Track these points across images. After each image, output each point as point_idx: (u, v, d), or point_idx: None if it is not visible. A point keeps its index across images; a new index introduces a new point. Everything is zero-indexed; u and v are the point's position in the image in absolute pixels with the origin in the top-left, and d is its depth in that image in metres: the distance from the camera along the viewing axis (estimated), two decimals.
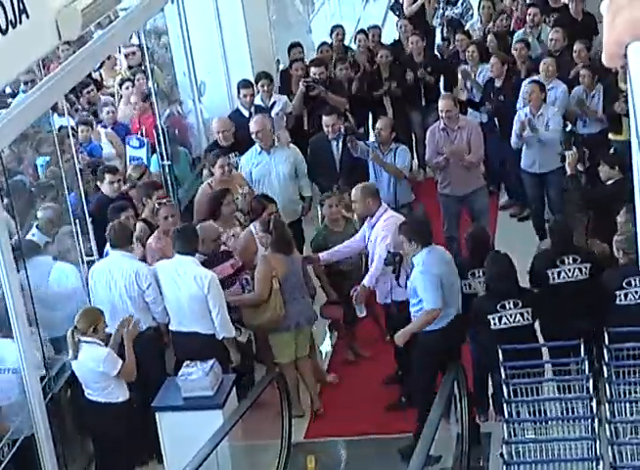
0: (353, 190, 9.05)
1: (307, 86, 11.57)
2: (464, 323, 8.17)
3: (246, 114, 11.14)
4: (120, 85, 12.21)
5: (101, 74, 13.00)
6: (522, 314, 7.95)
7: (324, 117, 10.52)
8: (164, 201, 9.22)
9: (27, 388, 7.53)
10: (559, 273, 8.28)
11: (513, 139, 10.70)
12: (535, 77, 11.16)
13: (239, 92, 11.36)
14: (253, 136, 10.38)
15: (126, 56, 12.85)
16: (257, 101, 11.41)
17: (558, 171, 10.73)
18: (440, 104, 10.39)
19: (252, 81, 11.50)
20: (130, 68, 12.73)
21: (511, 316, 7.94)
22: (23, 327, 7.49)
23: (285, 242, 8.74)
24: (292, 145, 10.74)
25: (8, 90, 10.75)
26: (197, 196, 10.03)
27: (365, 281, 8.74)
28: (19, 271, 7.65)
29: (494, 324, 7.95)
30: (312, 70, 11.88)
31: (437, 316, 7.96)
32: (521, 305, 7.94)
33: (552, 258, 8.34)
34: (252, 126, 10.40)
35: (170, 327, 8.44)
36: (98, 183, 9.66)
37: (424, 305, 7.98)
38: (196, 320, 8.27)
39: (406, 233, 8.11)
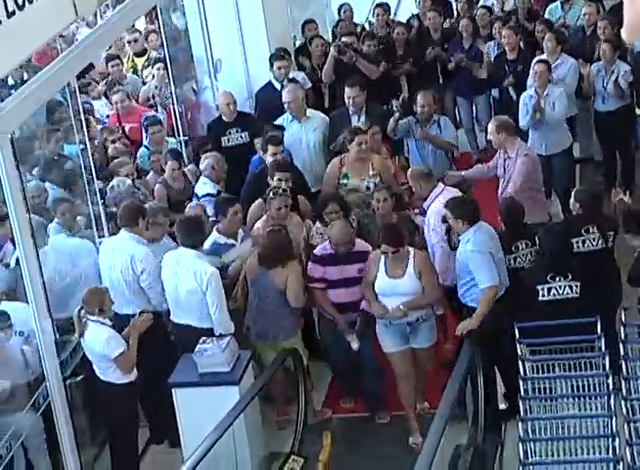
0: (409, 172, 8.88)
1: (339, 51, 11.47)
2: (512, 298, 8.05)
3: (278, 87, 11.00)
4: (152, 66, 12.23)
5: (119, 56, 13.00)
6: (570, 287, 7.89)
7: (346, 89, 10.39)
8: (280, 190, 8.82)
9: (42, 353, 7.60)
10: (583, 242, 8.30)
11: (521, 121, 10.54)
12: (543, 56, 11.17)
13: (272, 64, 11.21)
14: (286, 106, 10.35)
15: (129, 42, 12.95)
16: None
17: (564, 153, 10.66)
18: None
19: (286, 53, 11.40)
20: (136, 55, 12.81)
21: (560, 288, 7.89)
22: (38, 291, 7.52)
23: (267, 255, 8.23)
24: (321, 114, 10.66)
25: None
26: (328, 177, 9.73)
27: (443, 280, 8.35)
28: None
29: (542, 295, 7.90)
30: (343, 39, 11.85)
31: (496, 293, 7.86)
32: (570, 277, 7.89)
33: (578, 226, 8.33)
34: (285, 96, 10.37)
35: (171, 317, 8.38)
36: (260, 153, 9.70)
37: (479, 285, 7.86)
38: (191, 312, 8.16)
39: (453, 211, 7.98)
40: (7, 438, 7.35)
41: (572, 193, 8.63)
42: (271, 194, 8.77)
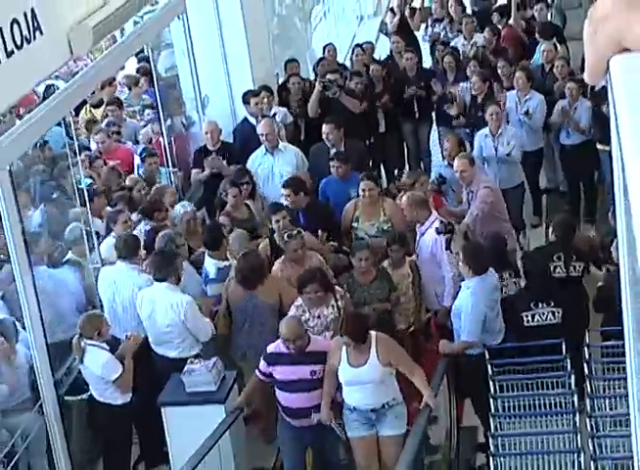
0: (403, 198, 9.09)
1: (324, 86, 11.74)
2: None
3: (254, 122, 11.17)
4: (142, 111, 12.61)
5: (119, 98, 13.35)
6: (553, 313, 8.19)
7: (323, 125, 10.71)
8: (295, 232, 8.70)
9: (39, 380, 7.86)
10: (554, 268, 8.66)
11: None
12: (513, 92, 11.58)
13: (248, 101, 11.40)
14: (262, 138, 10.57)
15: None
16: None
17: (517, 188, 10.98)
18: (455, 163, 9.92)
19: (261, 90, 11.60)
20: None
21: (543, 314, 8.19)
22: (35, 317, 7.78)
23: (245, 276, 8.32)
24: (295, 148, 10.91)
25: None
26: (343, 219, 9.69)
27: (445, 302, 8.65)
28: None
29: (527, 321, 8.20)
30: (328, 75, 12.11)
31: (471, 346, 8.03)
32: (553, 304, 8.20)
33: (551, 254, 8.68)
34: (262, 128, 10.60)
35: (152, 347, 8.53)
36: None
37: (461, 334, 8.04)
38: (171, 347, 8.39)
39: (465, 256, 8.02)
40: (16, 436, 7.67)
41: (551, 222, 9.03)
42: (286, 237, 8.68)
